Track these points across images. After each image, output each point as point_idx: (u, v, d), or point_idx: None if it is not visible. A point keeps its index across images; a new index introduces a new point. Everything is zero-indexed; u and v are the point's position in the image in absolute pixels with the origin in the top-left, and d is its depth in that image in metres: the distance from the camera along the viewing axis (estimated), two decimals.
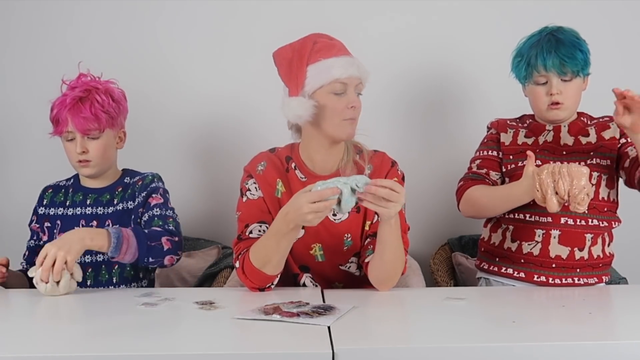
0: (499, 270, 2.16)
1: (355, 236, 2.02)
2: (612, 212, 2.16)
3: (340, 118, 1.95)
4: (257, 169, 2.05)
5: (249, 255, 1.90)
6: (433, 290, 2.17)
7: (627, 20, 2.75)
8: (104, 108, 2.11)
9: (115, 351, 1.44)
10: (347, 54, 1.98)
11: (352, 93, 1.96)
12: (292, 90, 1.96)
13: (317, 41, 1.97)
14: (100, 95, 2.12)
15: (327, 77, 1.93)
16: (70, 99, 2.09)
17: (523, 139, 2.19)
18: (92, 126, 2.10)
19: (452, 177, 2.30)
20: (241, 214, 2.02)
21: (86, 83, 2.13)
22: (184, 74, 2.70)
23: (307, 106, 1.93)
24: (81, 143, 2.11)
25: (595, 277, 2.13)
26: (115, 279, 2.14)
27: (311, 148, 2.03)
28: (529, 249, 2.11)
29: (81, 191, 2.21)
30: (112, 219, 2.16)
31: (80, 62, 2.16)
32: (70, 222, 2.17)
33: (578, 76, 2.11)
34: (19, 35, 2.68)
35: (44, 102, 2.19)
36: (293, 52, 1.97)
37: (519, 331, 1.59)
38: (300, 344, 1.48)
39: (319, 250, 2.02)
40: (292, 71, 1.96)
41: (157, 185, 2.18)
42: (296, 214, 1.78)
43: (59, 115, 2.11)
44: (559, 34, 2.12)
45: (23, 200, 2.40)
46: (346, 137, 1.98)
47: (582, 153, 2.14)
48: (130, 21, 2.68)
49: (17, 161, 2.71)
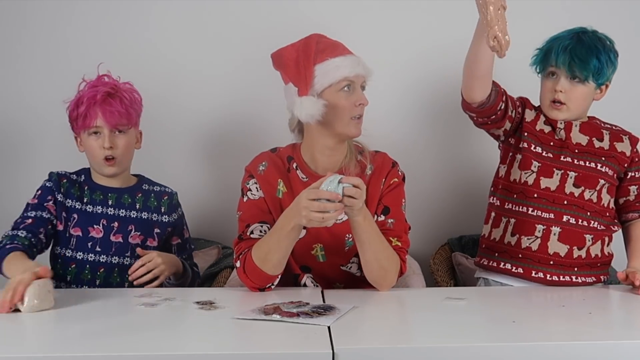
0: (497, 265, 2.15)
1: None
2: (612, 218, 2.18)
3: (350, 116, 1.97)
4: (259, 169, 2.05)
5: (251, 254, 1.91)
6: (433, 290, 2.17)
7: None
8: (132, 105, 2.16)
9: (115, 351, 1.44)
10: (351, 53, 2.01)
11: (359, 91, 2.00)
12: (302, 90, 1.97)
13: (320, 41, 2.00)
14: (126, 93, 2.16)
15: (335, 76, 1.96)
16: (100, 94, 2.11)
17: (542, 126, 2.17)
18: (123, 121, 2.13)
19: (453, 177, 2.30)
20: (242, 213, 2.02)
21: (109, 83, 2.17)
22: (188, 74, 2.69)
23: (318, 106, 1.95)
24: (109, 138, 2.12)
25: (594, 277, 2.14)
26: (128, 284, 2.14)
27: (315, 148, 2.04)
28: (527, 243, 2.11)
29: (99, 189, 2.20)
30: (135, 224, 2.18)
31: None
32: (89, 219, 2.16)
33: (588, 82, 2.11)
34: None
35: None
36: (297, 52, 1.99)
37: (519, 331, 1.59)
38: (300, 344, 1.48)
39: (321, 251, 2.03)
40: (300, 71, 1.97)
41: (182, 212, 2.32)
42: (294, 209, 1.81)
43: (88, 109, 2.11)
44: (584, 36, 2.12)
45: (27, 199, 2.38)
46: (356, 134, 2.00)
47: (594, 155, 2.15)
48: (139, 22, 2.68)
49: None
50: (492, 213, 2.21)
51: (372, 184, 2.04)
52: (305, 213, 1.77)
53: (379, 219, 2.01)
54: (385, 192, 2.03)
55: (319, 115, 1.95)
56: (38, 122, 2.67)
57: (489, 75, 2.02)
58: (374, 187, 2.03)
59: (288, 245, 1.89)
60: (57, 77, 2.58)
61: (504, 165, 2.20)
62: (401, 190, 2.06)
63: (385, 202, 2.02)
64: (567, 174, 2.12)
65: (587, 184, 2.12)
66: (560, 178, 2.11)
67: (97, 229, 2.16)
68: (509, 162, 2.18)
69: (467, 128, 2.71)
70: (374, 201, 2.02)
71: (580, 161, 2.13)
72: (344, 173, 1.99)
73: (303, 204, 1.78)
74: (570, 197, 2.11)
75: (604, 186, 2.14)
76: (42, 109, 2.66)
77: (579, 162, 2.13)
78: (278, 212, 1.95)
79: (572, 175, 2.12)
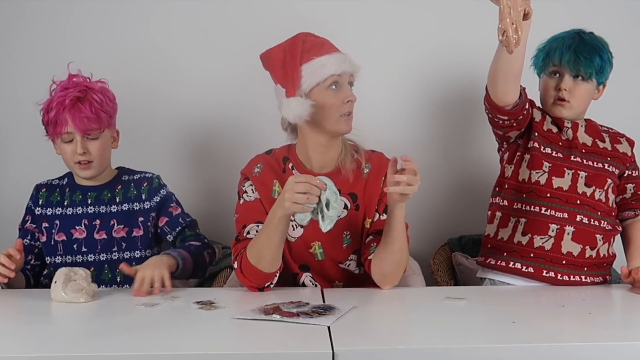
0: (506, 265, 2.14)
1: (354, 233, 2.03)
2: (616, 217, 2.20)
3: (339, 113, 1.98)
4: (254, 171, 2.06)
5: (246, 253, 1.91)
6: (433, 290, 2.17)
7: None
8: (103, 107, 2.10)
9: (115, 351, 1.44)
10: (337, 51, 2.01)
11: (347, 88, 2.00)
12: (290, 91, 1.98)
13: (306, 40, 2.00)
14: (97, 94, 2.10)
15: (321, 75, 1.96)
16: (69, 99, 2.06)
17: (549, 126, 2.18)
18: (94, 126, 2.09)
19: (453, 177, 2.30)
20: (239, 216, 2.03)
21: (80, 83, 2.11)
22: (180, 74, 2.68)
23: (306, 106, 1.95)
24: (82, 143, 2.09)
25: (600, 277, 2.14)
26: (120, 279, 2.14)
27: (308, 147, 2.04)
28: (540, 242, 2.11)
29: (79, 190, 2.20)
30: (117, 218, 2.17)
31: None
32: (70, 222, 2.17)
33: (591, 80, 2.14)
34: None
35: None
36: (284, 53, 1.99)
37: (519, 331, 1.59)
38: (300, 344, 1.48)
39: (319, 248, 2.03)
40: (287, 72, 1.98)
41: (168, 192, 2.24)
42: (280, 199, 1.81)
43: (57, 115, 2.07)
44: (585, 36, 2.16)
45: (15, 200, 2.38)
46: (346, 130, 2.00)
47: (600, 155, 2.17)
48: (127, 21, 2.65)
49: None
50: (497, 213, 2.21)
51: (371, 184, 2.04)
52: (289, 195, 1.77)
53: (381, 218, 2.01)
54: (384, 192, 2.02)
55: (306, 116, 1.96)
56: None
57: (521, 73, 2.00)
58: (374, 187, 2.04)
59: (279, 240, 1.88)
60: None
61: (511, 165, 2.20)
62: None
63: (386, 201, 2.01)
64: (578, 173, 2.13)
65: (597, 184, 2.13)
66: (572, 178, 2.12)
67: (80, 229, 2.16)
68: (517, 162, 2.18)
69: (466, 128, 2.72)
70: (374, 200, 2.03)
71: (589, 161, 2.15)
72: (341, 170, 2.01)
73: (288, 187, 1.78)
74: (583, 197, 2.12)
75: (610, 186, 2.16)
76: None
77: (588, 162, 2.15)
78: None
79: (583, 175, 2.13)
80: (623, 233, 2.21)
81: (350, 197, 2.04)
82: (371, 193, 2.04)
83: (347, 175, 2.02)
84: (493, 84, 2.02)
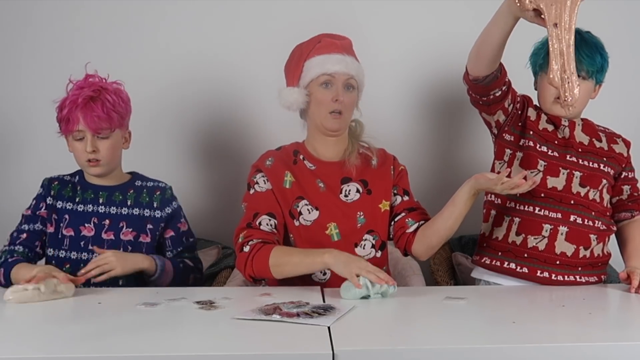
0: (501, 265, 2.14)
1: (368, 214, 2.11)
2: (610, 217, 2.20)
3: (327, 110, 2.07)
4: (266, 163, 2.13)
5: (270, 252, 1.95)
6: (433, 290, 2.17)
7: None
8: (115, 108, 2.13)
9: (115, 351, 1.44)
10: (342, 52, 2.08)
11: (339, 87, 2.07)
12: (288, 82, 2.13)
13: (322, 40, 2.10)
14: (110, 95, 2.13)
15: (316, 71, 2.06)
16: (82, 98, 2.10)
17: (545, 124, 2.18)
18: (104, 125, 2.12)
19: (453, 177, 2.29)
20: (248, 204, 2.09)
21: (95, 83, 2.14)
22: (186, 73, 2.70)
23: (296, 95, 2.07)
24: (92, 142, 2.12)
25: (595, 276, 2.14)
26: (121, 281, 2.14)
27: (313, 138, 2.14)
28: (534, 243, 2.11)
29: (91, 188, 2.21)
30: (127, 221, 2.19)
31: (88, 63, 2.16)
32: (80, 218, 2.18)
33: (591, 78, 2.14)
34: (24, 35, 2.68)
35: (47, 101, 2.19)
36: (300, 49, 2.12)
37: (519, 331, 1.59)
38: (300, 344, 1.48)
39: (335, 229, 2.08)
40: (292, 66, 2.12)
41: (178, 205, 2.28)
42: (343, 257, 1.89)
43: (69, 113, 2.11)
44: (584, 35, 2.15)
45: (25, 199, 2.38)
46: (331, 127, 2.09)
47: (596, 155, 2.17)
48: (136, 21, 2.68)
49: (20, 161, 2.70)
50: (492, 211, 2.21)
51: (382, 172, 2.15)
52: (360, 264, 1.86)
53: (404, 199, 2.14)
54: (397, 179, 2.16)
55: (299, 105, 2.09)
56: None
57: (495, 61, 1.98)
58: (385, 175, 2.15)
59: (303, 271, 1.98)
60: (51, 76, 2.54)
61: (500, 161, 2.20)
62: (408, 177, 2.21)
63: (402, 186, 2.16)
64: (573, 173, 2.12)
65: (591, 184, 2.13)
66: (567, 177, 2.12)
67: (88, 227, 2.17)
68: (509, 161, 2.18)
69: (466, 127, 2.73)
70: (389, 187, 2.15)
71: (584, 161, 2.14)
72: (346, 164, 2.11)
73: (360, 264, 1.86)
74: (577, 197, 2.11)
75: (605, 186, 2.15)
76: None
77: (583, 162, 2.14)
78: (285, 202, 2.07)
79: (578, 175, 2.13)
80: (619, 234, 2.22)
81: (362, 182, 2.12)
82: (382, 179, 2.14)
83: (350, 168, 2.11)
84: (471, 51, 2.01)
